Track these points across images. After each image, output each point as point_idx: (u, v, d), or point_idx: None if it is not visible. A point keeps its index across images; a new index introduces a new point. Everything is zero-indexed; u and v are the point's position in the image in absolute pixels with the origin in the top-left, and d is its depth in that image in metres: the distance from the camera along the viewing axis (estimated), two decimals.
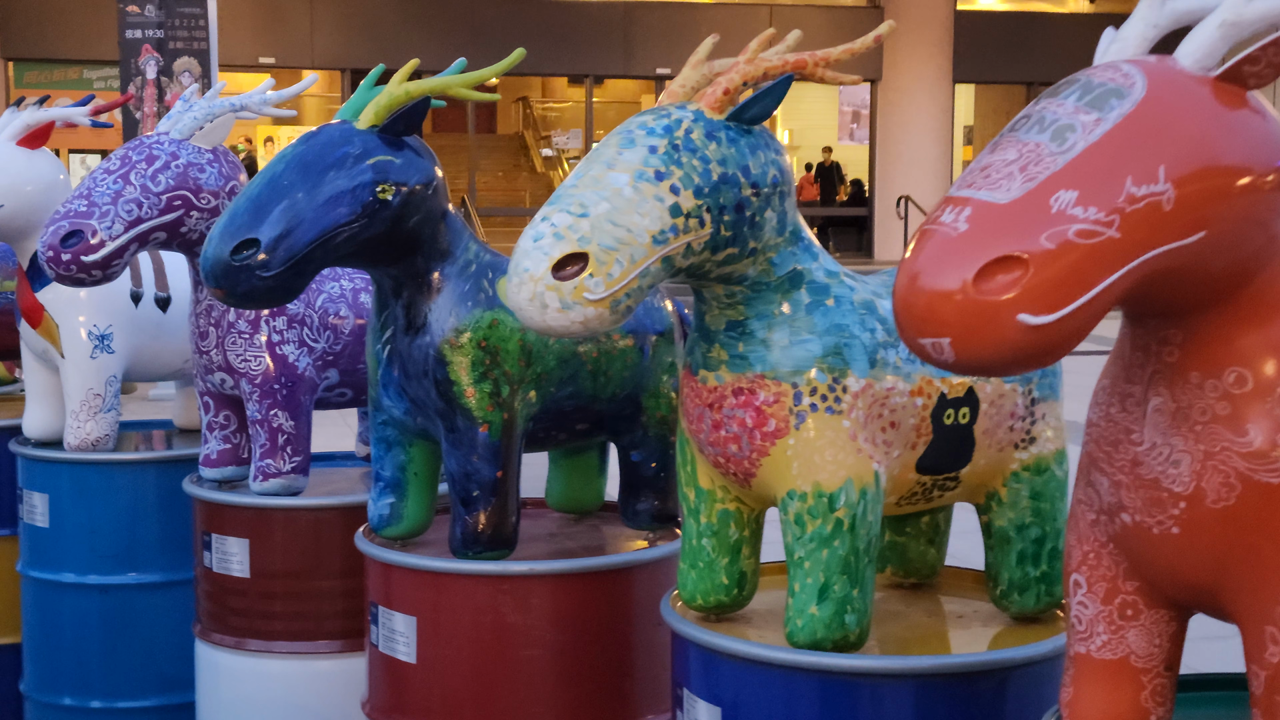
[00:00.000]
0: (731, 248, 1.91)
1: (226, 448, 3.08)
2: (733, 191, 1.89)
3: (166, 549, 3.38)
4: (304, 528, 2.94)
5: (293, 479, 2.96)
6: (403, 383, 2.45)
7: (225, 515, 2.98)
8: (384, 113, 2.40)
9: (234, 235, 2.26)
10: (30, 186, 3.36)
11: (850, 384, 1.95)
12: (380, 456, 2.57)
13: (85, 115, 3.52)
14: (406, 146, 2.40)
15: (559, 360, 2.48)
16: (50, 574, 3.41)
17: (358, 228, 2.32)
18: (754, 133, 1.94)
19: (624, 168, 1.85)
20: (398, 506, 2.56)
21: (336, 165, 2.32)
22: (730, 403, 1.97)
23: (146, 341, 3.47)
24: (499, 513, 2.42)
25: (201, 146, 2.93)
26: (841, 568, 1.95)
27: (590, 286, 1.78)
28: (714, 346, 2.00)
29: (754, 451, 1.97)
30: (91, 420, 3.35)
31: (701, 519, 2.10)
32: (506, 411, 2.42)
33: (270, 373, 2.94)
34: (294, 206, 2.28)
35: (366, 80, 2.53)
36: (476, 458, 2.40)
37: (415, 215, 2.38)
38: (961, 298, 1.32)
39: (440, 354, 2.40)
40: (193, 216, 2.89)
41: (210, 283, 2.28)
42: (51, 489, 3.39)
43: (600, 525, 2.81)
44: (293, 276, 2.28)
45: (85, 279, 2.79)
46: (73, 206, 2.79)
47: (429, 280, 2.43)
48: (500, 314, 2.42)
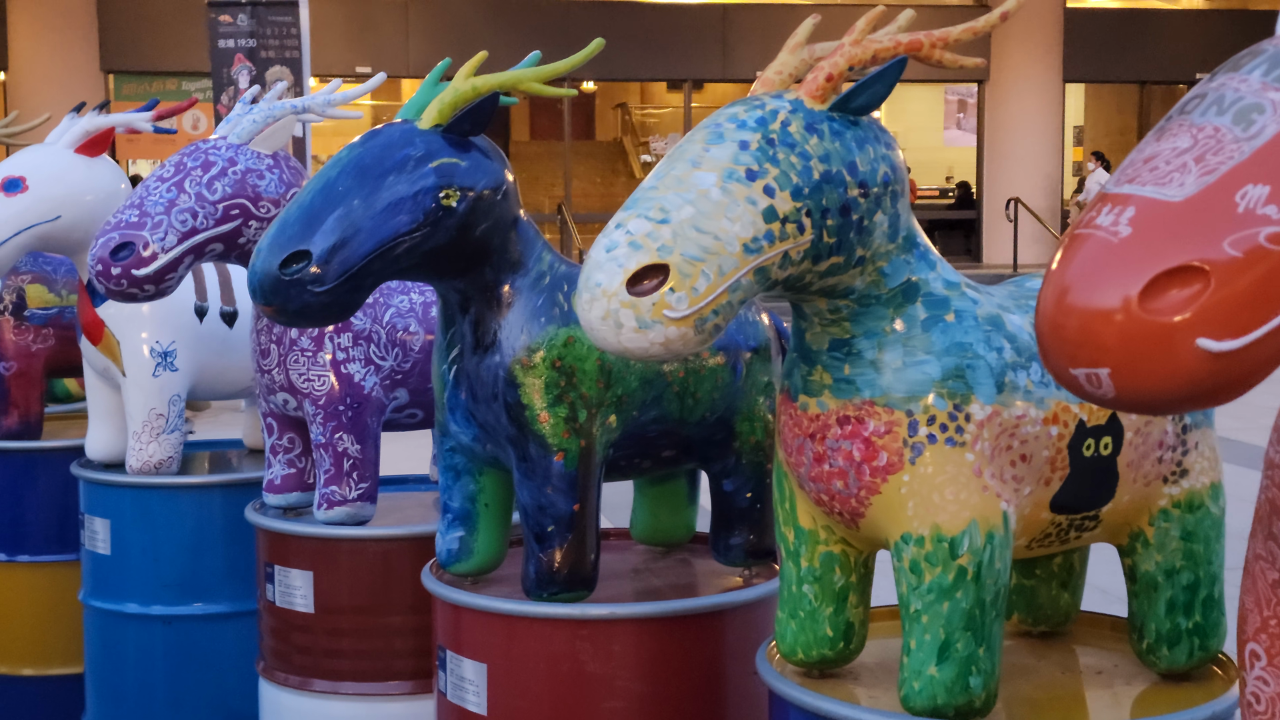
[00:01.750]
0: (836, 256, 1.66)
1: (291, 472, 2.89)
2: (837, 192, 1.63)
3: (233, 578, 3.20)
4: (371, 560, 2.73)
5: (359, 507, 2.75)
6: (471, 406, 2.23)
7: (288, 545, 2.78)
8: (449, 110, 2.18)
9: (284, 247, 2.05)
10: (90, 196, 3.20)
11: (974, 411, 1.69)
12: (448, 486, 2.35)
13: (148, 121, 3.35)
14: (473, 147, 2.17)
15: (642, 381, 2.24)
16: (113, 604, 3.24)
17: (420, 237, 2.10)
18: (861, 124, 1.69)
19: (711, 166, 1.61)
20: (467, 540, 2.34)
21: (396, 169, 2.11)
22: (835, 433, 1.72)
23: (211, 358, 3.29)
24: (576, 550, 2.19)
25: (261, 151, 2.74)
26: (965, 623, 1.69)
27: (672, 303, 1.55)
28: (815, 369, 1.75)
29: (863, 489, 1.72)
30: (154, 442, 3.18)
31: (802, 563, 1.85)
32: (584, 438, 2.18)
33: (335, 393, 2.74)
34: (350, 215, 2.07)
35: (431, 76, 2.32)
36: (551, 489, 2.18)
37: (483, 223, 2.16)
38: (1124, 319, 1.06)
39: (511, 375, 2.17)
40: (251, 226, 2.69)
41: (259, 299, 2.07)
42: (113, 514, 3.23)
43: (689, 560, 2.56)
44: (349, 291, 2.07)
45: (137, 294, 2.61)
46: (123, 217, 2.61)
47: (499, 294, 2.21)
48: (577, 331, 2.19)
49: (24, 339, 3.61)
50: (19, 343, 3.61)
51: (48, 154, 3.22)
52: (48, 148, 3.25)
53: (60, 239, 3.19)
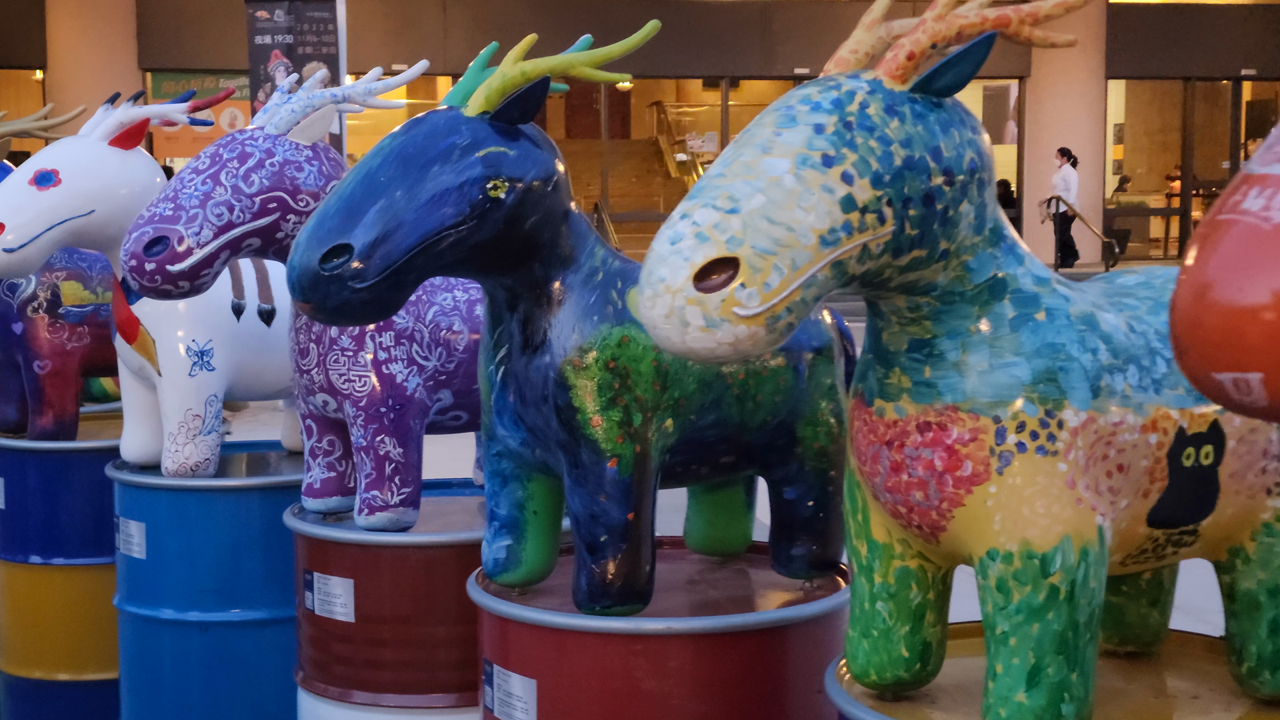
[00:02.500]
0: (918, 249, 1.53)
1: (331, 476, 2.78)
2: (920, 179, 1.51)
3: (271, 584, 3.10)
4: (414, 568, 2.62)
5: (401, 513, 2.64)
6: (519, 409, 2.12)
7: (328, 552, 2.68)
8: (496, 97, 2.06)
9: (323, 241, 1.95)
10: (124, 190, 3.10)
11: (1067, 418, 1.56)
12: (495, 492, 2.24)
13: (183, 112, 3.26)
14: (523, 136, 2.06)
15: (700, 383, 2.12)
16: (148, 610, 3.15)
17: (466, 231, 1.99)
18: (946, 106, 1.56)
19: (783, 151, 1.49)
20: (515, 550, 2.23)
21: (441, 158, 2.00)
22: (915, 440, 1.60)
23: (249, 358, 3.19)
24: (631, 561, 2.07)
25: (300, 142, 2.63)
26: (1057, 645, 1.56)
27: (742, 299, 1.43)
28: (893, 371, 1.62)
29: (944, 501, 1.59)
30: (190, 443, 3.08)
31: (876, 578, 1.73)
32: (639, 443, 2.07)
33: (376, 394, 2.63)
34: (392, 207, 1.96)
35: (477, 61, 2.20)
36: (604, 497, 2.06)
37: (532, 215, 2.04)
38: (1277, 317, 0.93)
39: (562, 376, 2.06)
40: (290, 220, 2.59)
41: (297, 295, 1.97)
42: (149, 518, 3.13)
43: (747, 571, 2.44)
44: (390, 288, 1.96)
45: (171, 290, 2.51)
46: (157, 210, 2.51)
47: (549, 291, 2.09)
48: (631, 330, 2.07)
49: (58, 337, 3.53)
50: (53, 341, 3.52)
51: (81, 146, 3.13)
52: (81, 140, 3.16)
53: (94, 234, 3.10)
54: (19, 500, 3.60)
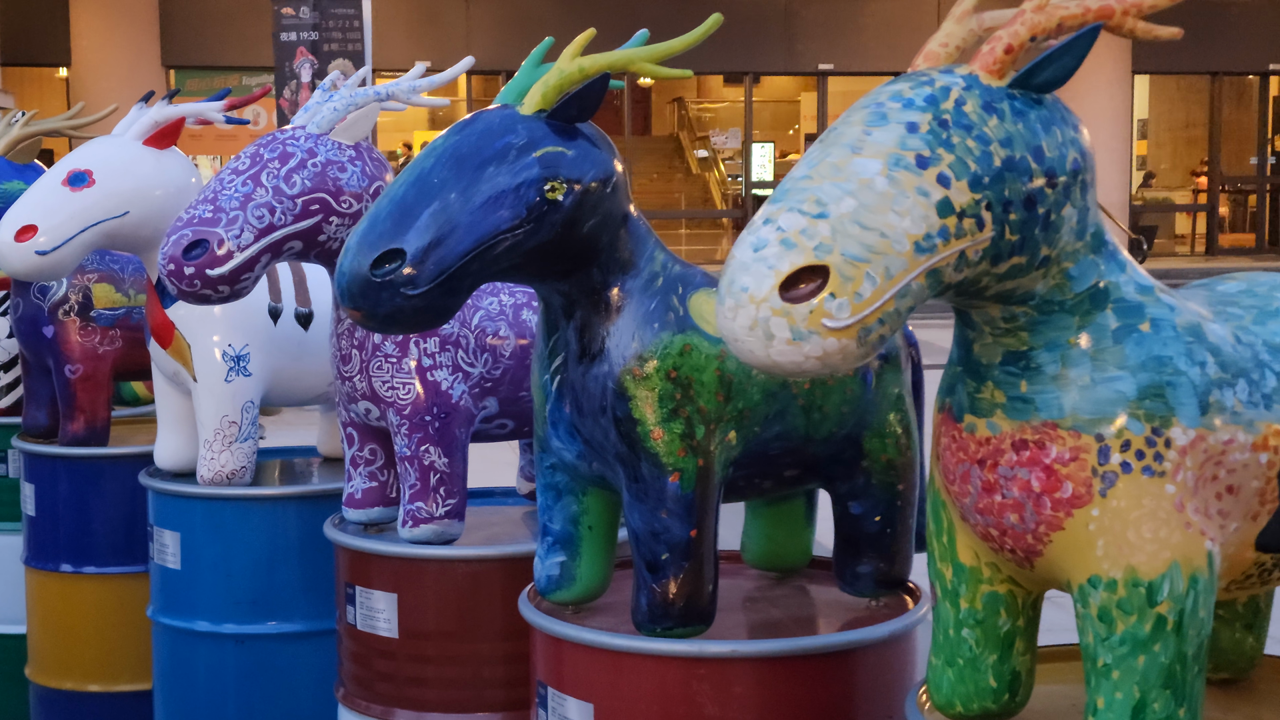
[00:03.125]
0: (1018, 256, 1.44)
1: (372, 486, 2.70)
2: (1021, 181, 1.42)
3: (309, 596, 3.02)
4: (460, 582, 2.54)
5: (447, 525, 2.56)
6: (575, 420, 2.03)
7: (370, 566, 2.59)
8: (553, 94, 1.97)
9: (374, 245, 1.86)
10: (159, 191, 3.02)
11: (1175, 436, 1.47)
12: (548, 507, 2.15)
13: (219, 111, 3.18)
14: (580, 135, 1.97)
15: (764, 394, 2.03)
16: (183, 621, 3.07)
17: (522, 234, 1.90)
18: (1046, 103, 1.47)
19: (874, 151, 1.40)
20: (569, 566, 2.14)
21: (496, 159, 1.91)
22: (1010, 459, 1.50)
23: (287, 363, 3.11)
24: (693, 580, 1.98)
25: (342, 142, 2.55)
26: (1163, 679, 1.46)
27: (831, 310, 1.34)
28: (985, 385, 1.53)
29: (1042, 524, 1.50)
30: (226, 451, 3.00)
31: (962, 604, 1.63)
32: (701, 457, 1.97)
33: (421, 402, 2.54)
34: (446, 210, 1.87)
35: (532, 56, 2.12)
36: (666, 513, 1.97)
37: (591, 218, 1.95)
38: None
39: (621, 386, 1.97)
40: (332, 223, 2.50)
41: (347, 302, 1.88)
42: (184, 527, 3.05)
43: (807, 588, 2.35)
44: (444, 295, 1.87)
45: (211, 295, 2.42)
46: (196, 213, 2.43)
47: (607, 297, 2.00)
48: (694, 338, 1.98)
49: (90, 341, 3.45)
50: (85, 345, 3.44)
51: (115, 146, 3.05)
52: (115, 140, 3.08)
53: (128, 236, 3.02)
54: (49, 507, 3.52)
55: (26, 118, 3.63)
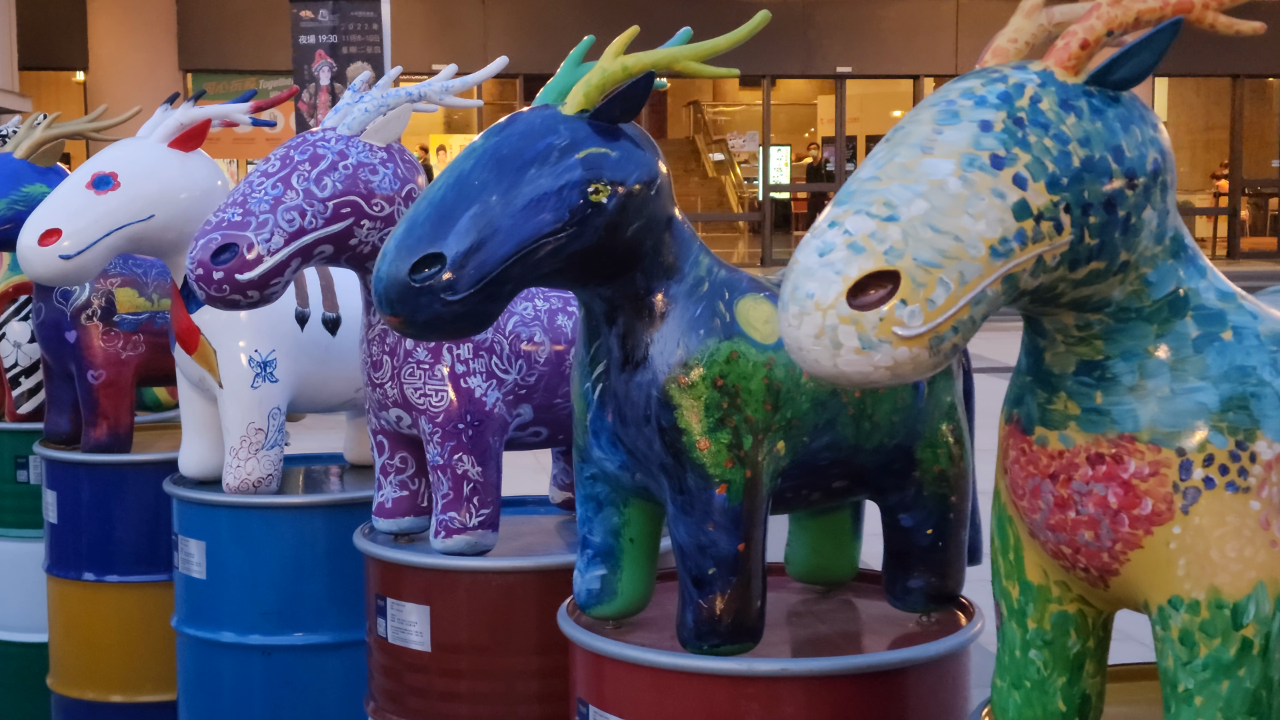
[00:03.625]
0: (1096, 261, 1.37)
1: (403, 495, 2.64)
2: (1100, 182, 1.35)
3: (337, 606, 2.96)
4: (494, 594, 2.47)
5: (480, 535, 2.49)
6: (618, 430, 1.97)
7: (402, 577, 2.53)
8: (596, 94, 1.91)
9: (413, 249, 1.80)
10: (184, 194, 2.97)
11: (1261, 450, 1.40)
12: (588, 518, 2.09)
13: (246, 112, 3.12)
14: (623, 136, 1.91)
15: (814, 403, 1.96)
16: (208, 632, 3.01)
17: (565, 238, 1.84)
18: (1124, 101, 1.40)
19: (947, 151, 1.33)
20: (610, 580, 2.07)
21: (538, 160, 1.85)
22: (1084, 474, 1.43)
23: (314, 368, 3.05)
24: (741, 596, 1.91)
25: (374, 144, 2.49)
26: (1249, 706, 1.40)
27: (903, 318, 1.27)
28: (1058, 396, 1.46)
29: (1118, 541, 1.43)
30: (253, 458, 2.94)
31: (1029, 624, 1.56)
32: (749, 468, 1.91)
33: (454, 410, 2.48)
34: (486, 213, 1.81)
35: (573, 55, 2.05)
36: (712, 526, 1.90)
37: (634, 222, 1.89)
38: None
39: (665, 395, 1.90)
40: (364, 226, 2.44)
41: (384, 308, 1.82)
42: (209, 536, 3.00)
43: (854, 602, 2.28)
44: (484, 300, 1.81)
45: (240, 300, 2.36)
46: (225, 216, 2.37)
47: (651, 303, 1.94)
48: (741, 344, 1.92)
49: (113, 346, 3.39)
50: (108, 350, 3.39)
51: (140, 149, 3.00)
52: (140, 142, 3.02)
53: (153, 240, 2.97)
54: (72, 515, 3.47)
55: (49, 120, 3.57)
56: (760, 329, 1.95)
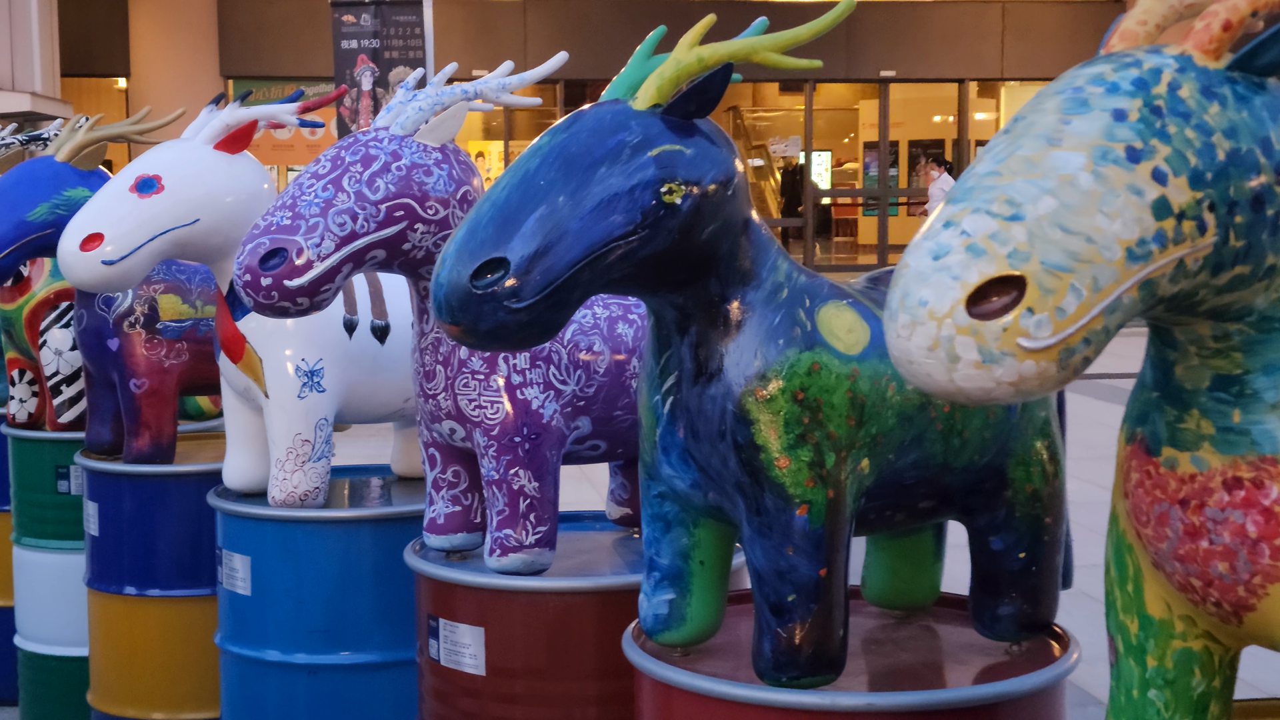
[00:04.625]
0: (1241, 265, 1.24)
1: (456, 510, 2.52)
2: (1247, 178, 1.22)
3: (385, 624, 2.85)
4: (551, 616, 2.35)
5: (537, 554, 2.38)
6: (690, 446, 1.85)
7: (455, 597, 2.41)
8: (670, 87, 1.79)
9: (475, 254, 1.68)
10: (230, 198, 2.87)
11: None
12: (656, 539, 1.97)
13: (293, 113, 3.02)
14: (698, 132, 1.79)
15: (900, 417, 1.83)
16: (252, 650, 2.91)
17: (636, 241, 1.72)
18: (1270, 88, 1.27)
19: (1076, 143, 1.20)
20: (679, 604, 1.95)
21: (609, 158, 1.73)
22: (1220, 500, 1.30)
23: (362, 377, 2.95)
24: (822, 625, 1.79)
25: (428, 144, 2.38)
26: None
27: (1029, 328, 1.15)
28: (1189, 414, 1.33)
29: (1257, 574, 1.30)
30: (299, 471, 2.84)
31: (1149, 661, 1.43)
32: (831, 487, 1.78)
33: (510, 422, 2.37)
34: (554, 215, 1.69)
35: (642, 48, 1.93)
36: (793, 550, 1.78)
37: (710, 224, 1.77)
38: None
39: (742, 409, 1.78)
40: (417, 230, 2.33)
41: (445, 316, 1.70)
42: (254, 551, 2.89)
43: (935, 629, 2.15)
44: (550, 308, 1.69)
45: (289, 308, 2.26)
46: (274, 220, 2.26)
47: (726, 310, 1.82)
48: (822, 355, 1.79)
49: (156, 354, 3.30)
50: (151, 358, 3.29)
51: (185, 151, 2.90)
52: (185, 144, 2.93)
53: (198, 245, 2.87)
54: (113, 527, 3.37)
55: (91, 123, 3.49)
56: (843, 338, 1.82)
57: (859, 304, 1.89)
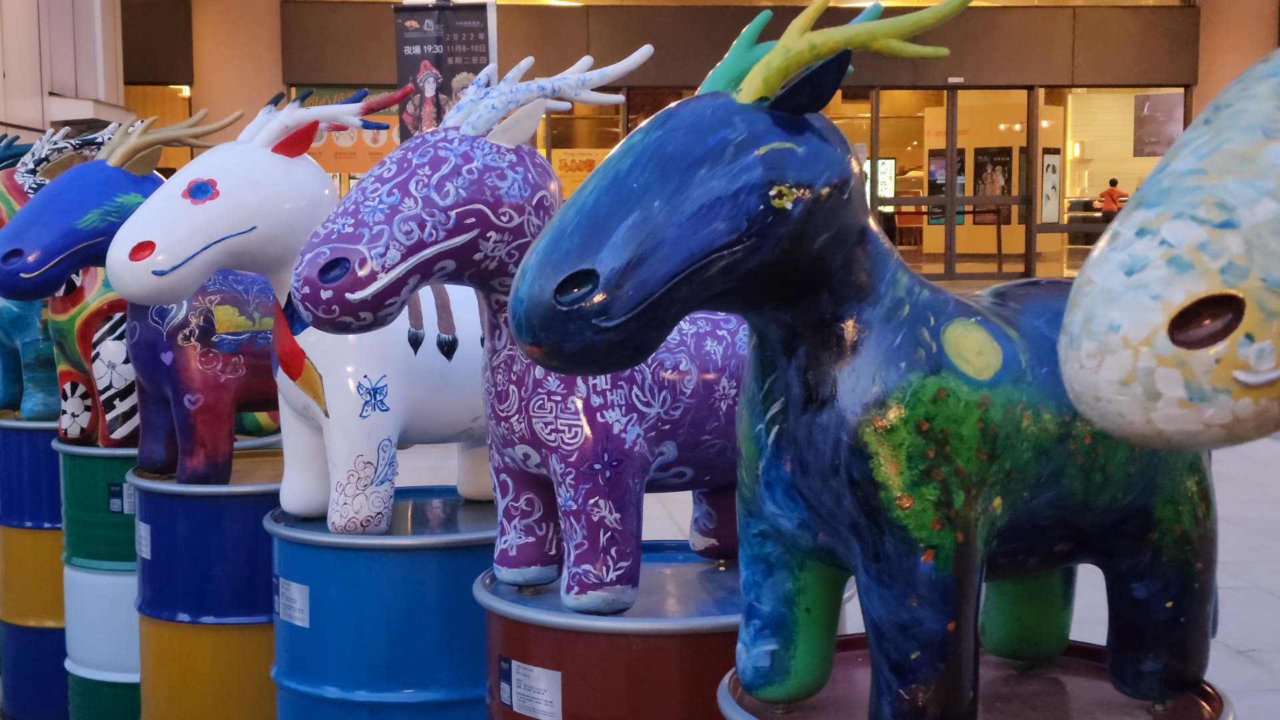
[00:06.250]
0: None
1: (529, 541, 2.33)
2: None
3: (451, 660, 2.67)
4: (634, 660, 2.16)
5: (619, 591, 2.18)
6: (797, 481, 1.65)
7: (529, 637, 2.22)
8: (778, 78, 1.60)
9: (560, 266, 1.49)
10: (289, 204, 2.70)
11: None
12: (756, 583, 1.76)
13: (355, 114, 2.85)
14: (809, 129, 1.59)
15: (1036, 451, 1.63)
16: (310, 686, 2.73)
17: (741, 252, 1.52)
18: None
19: None
20: (781, 656, 1.75)
21: (710, 158, 1.54)
22: None
23: (428, 395, 2.77)
24: (950, 685, 1.58)
25: (501, 145, 2.19)
26: None
27: (1248, 359, 0.94)
28: None
29: None
30: (361, 495, 2.66)
31: None
32: (960, 530, 1.58)
33: (589, 447, 2.17)
34: (648, 222, 1.50)
35: (745, 35, 1.74)
36: (916, 601, 1.57)
37: (823, 232, 1.57)
38: None
39: (858, 441, 1.58)
40: (489, 239, 2.15)
41: (525, 336, 1.51)
42: (313, 580, 2.72)
43: (1064, 683, 1.93)
44: (644, 327, 1.50)
45: (350, 323, 2.08)
46: (335, 227, 2.08)
47: (839, 329, 1.62)
48: (950, 380, 1.59)
49: (211, 368, 3.14)
50: (206, 373, 3.13)
51: (241, 154, 2.73)
52: (241, 147, 2.76)
53: (254, 254, 2.70)
54: (166, 550, 3.21)
55: (145, 125, 3.34)
56: (972, 361, 1.62)
57: (988, 322, 1.68)
